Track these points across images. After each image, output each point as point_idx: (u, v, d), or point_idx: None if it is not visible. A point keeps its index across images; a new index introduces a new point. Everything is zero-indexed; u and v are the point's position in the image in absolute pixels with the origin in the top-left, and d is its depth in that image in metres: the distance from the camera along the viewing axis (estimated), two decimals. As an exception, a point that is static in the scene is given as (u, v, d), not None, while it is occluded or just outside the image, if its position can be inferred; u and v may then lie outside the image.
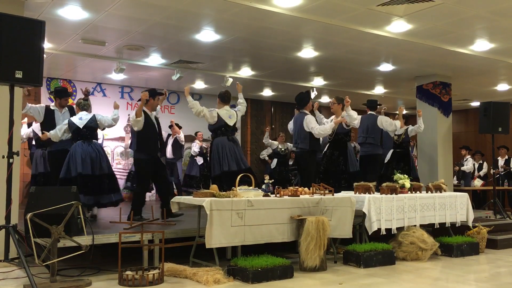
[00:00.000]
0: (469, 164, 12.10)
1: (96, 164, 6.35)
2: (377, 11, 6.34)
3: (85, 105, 6.67)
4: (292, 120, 7.70)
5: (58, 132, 6.39)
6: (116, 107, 6.71)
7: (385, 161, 8.71)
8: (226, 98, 6.85)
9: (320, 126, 7.21)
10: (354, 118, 7.56)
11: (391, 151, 8.75)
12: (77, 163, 6.21)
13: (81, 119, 6.49)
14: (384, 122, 8.20)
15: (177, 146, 11.05)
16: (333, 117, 7.83)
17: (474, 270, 5.38)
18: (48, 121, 6.64)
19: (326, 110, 14.83)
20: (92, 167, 6.30)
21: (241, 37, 7.46)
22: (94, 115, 6.58)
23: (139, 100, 6.36)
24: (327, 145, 7.86)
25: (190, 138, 11.67)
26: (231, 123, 6.72)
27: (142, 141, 6.15)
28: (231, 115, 6.76)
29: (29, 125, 9.19)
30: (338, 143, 7.66)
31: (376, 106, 8.43)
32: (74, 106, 7.04)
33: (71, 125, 6.43)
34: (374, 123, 8.19)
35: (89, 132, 6.49)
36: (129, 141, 10.88)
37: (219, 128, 6.67)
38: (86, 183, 6.18)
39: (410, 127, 8.67)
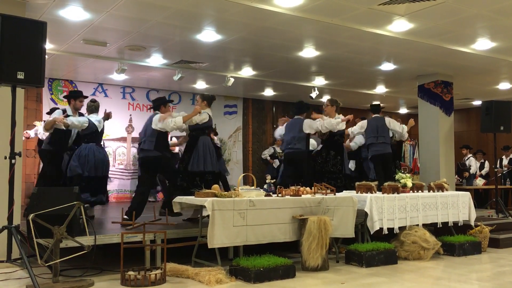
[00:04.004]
0: (472, 165, 12.10)
1: (101, 167, 6.53)
2: (378, 10, 6.34)
3: (91, 107, 6.73)
4: (284, 126, 7.92)
5: (78, 124, 6.45)
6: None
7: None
8: (211, 102, 6.85)
9: (326, 120, 7.39)
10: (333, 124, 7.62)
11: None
12: (89, 165, 6.40)
13: (99, 122, 6.61)
14: (392, 122, 8.24)
15: None
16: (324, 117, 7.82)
17: (477, 269, 5.38)
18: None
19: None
20: (97, 169, 6.47)
21: (242, 37, 7.46)
22: (102, 119, 6.70)
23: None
24: (321, 146, 7.89)
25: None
26: (213, 125, 6.97)
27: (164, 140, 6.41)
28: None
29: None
30: (334, 144, 7.68)
31: (379, 109, 8.40)
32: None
33: (91, 126, 6.47)
34: (383, 123, 8.19)
35: (101, 135, 6.65)
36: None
37: (207, 128, 6.65)
38: (90, 183, 6.35)
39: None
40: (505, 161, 11.96)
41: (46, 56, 4.79)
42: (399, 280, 4.74)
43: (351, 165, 9.69)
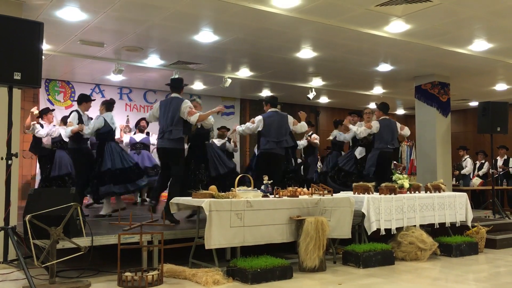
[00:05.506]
0: (468, 166, 12.12)
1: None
2: (376, 12, 6.35)
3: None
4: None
5: (91, 129, 6.95)
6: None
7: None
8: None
9: None
10: None
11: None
12: (115, 159, 7.01)
13: (113, 122, 7.19)
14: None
15: None
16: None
17: (473, 270, 5.39)
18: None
19: (325, 111, 14.86)
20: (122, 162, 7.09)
21: (240, 38, 7.46)
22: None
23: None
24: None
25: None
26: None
27: None
28: None
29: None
30: None
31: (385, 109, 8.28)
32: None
33: (106, 125, 7.02)
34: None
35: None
36: None
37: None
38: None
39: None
40: (499, 162, 11.99)
41: (43, 57, 4.79)
42: (396, 280, 4.75)
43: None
